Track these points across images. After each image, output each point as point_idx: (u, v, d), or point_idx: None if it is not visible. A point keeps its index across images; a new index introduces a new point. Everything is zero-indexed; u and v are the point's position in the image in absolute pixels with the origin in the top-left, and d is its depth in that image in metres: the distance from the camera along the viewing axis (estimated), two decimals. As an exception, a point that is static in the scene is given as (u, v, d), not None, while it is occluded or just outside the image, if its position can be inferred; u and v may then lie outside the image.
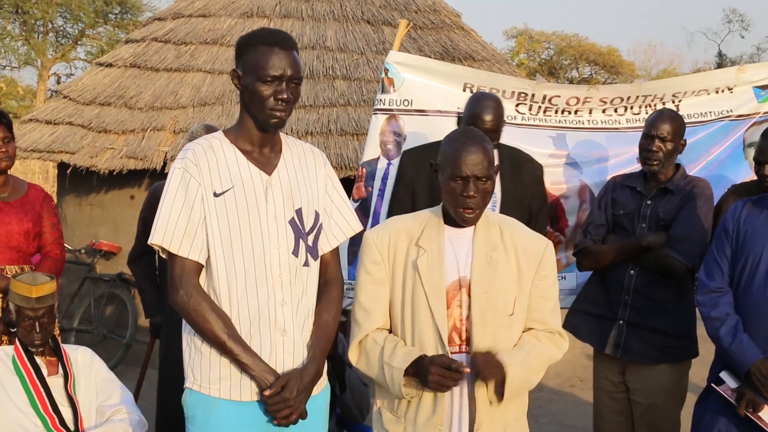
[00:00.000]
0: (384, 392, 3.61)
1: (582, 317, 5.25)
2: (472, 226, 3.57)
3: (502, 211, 5.01)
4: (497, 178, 4.99)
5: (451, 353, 3.45)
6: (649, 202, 5.05)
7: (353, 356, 3.61)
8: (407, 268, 3.53)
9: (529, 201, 5.16)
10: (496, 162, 4.98)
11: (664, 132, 4.96)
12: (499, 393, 3.45)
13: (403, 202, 5.15)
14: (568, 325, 5.31)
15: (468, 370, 3.37)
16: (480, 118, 4.95)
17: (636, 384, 5.09)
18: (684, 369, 5.10)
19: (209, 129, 5.51)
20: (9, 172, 5.66)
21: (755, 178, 4.98)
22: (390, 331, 3.61)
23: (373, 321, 3.57)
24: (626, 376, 5.13)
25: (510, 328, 3.52)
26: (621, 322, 5.04)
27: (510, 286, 3.53)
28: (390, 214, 4.14)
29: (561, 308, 5.04)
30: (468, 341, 3.49)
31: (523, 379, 3.47)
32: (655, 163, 4.99)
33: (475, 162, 3.41)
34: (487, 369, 3.39)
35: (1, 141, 5.52)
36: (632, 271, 5.01)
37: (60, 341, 4.94)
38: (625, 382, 5.15)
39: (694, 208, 4.90)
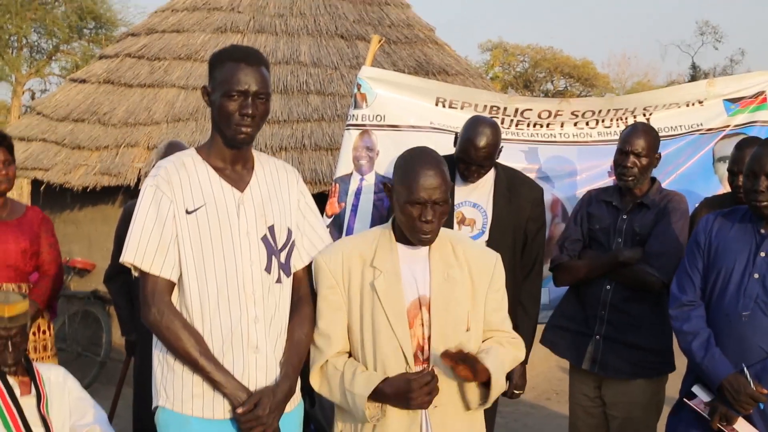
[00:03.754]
0: (346, 416, 3.58)
1: (559, 333, 5.25)
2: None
3: (491, 232, 5.01)
4: (490, 200, 5.01)
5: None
6: (624, 216, 5.05)
7: (315, 382, 3.57)
8: (364, 290, 3.50)
9: (525, 223, 5.09)
10: (491, 183, 5.01)
11: (638, 148, 4.95)
12: (484, 396, 3.47)
13: None
14: (545, 341, 5.33)
15: (432, 370, 3.36)
16: (473, 144, 4.87)
17: (612, 398, 5.09)
18: (661, 383, 5.11)
19: (173, 146, 5.51)
20: None
21: (724, 191, 5.01)
22: (350, 354, 3.59)
23: (333, 346, 3.54)
24: (603, 391, 5.13)
25: (468, 344, 3.50)
26: (597, 337, 5.04)
27: (466, 302, 3.54)
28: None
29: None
30: (429, 359, 3.48)
31: (498, 379, 3.45)
32: (630, 178, 4.99)
33: (432, 186, 3.39)
34: (472, 366, 3.37)
35: (2, 164, 5.52)
36: (608, 287, 5.01)
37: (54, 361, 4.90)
38: (601, 397, 5.15)
39: (669, 223, 4.90)
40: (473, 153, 4.86)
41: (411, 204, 3.41)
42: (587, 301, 5.11)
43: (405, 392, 3.32)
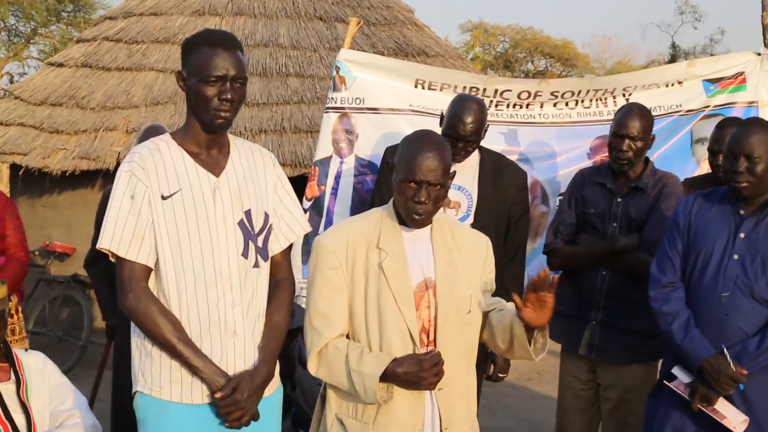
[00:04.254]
0: (345, 399, 3.54)
1: (554, 317, 5.22)
2: (428, 227, 3.57)
3: (476, 216, 4.99)
4: (475, 183, 5.00)
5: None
6: (619, 200, 5.01)
7: (312, 366, 3.52)
8: (369, 272, 3.49)
9: (509, 208, 5.07)
10: (476, 167, 5.00)
11: (634, 131, 4.90)
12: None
13: (384, 196, 5.10)
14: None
15: (439, 352, 3.39)
16: (461, 119, 4.85)
17: (608, 381, 5.08)
18: (655, 366, 5.09)
19: (153, 130, 5.46)
20: None
21: (701, 173, 5.01)
22: (348, 337, 3.57)
23: (334, 328, 3.49)
24: (597, 374, 5.12)
25: (469, 326, 3.55)
26: (594, 323, 5.03)
27: (467, 285, 3.55)
28: (373, 206, 4.12)
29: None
30: (435, 341, 3.49)
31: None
32: (625, 162, 4.95)
33: (429, 168, 3.39)
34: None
35: None
36: (604, 273, 4.99)
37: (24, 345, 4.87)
38: (595, 380, 5.14)
39: (664, 210, 4.88)
40: (461, 128, 4.84)
41: (406, 182, 3.42)
42: (583, 287, 5.09)
43: (416, 372, 3.33)
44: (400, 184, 3.44)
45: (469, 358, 3.59)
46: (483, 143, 5.14)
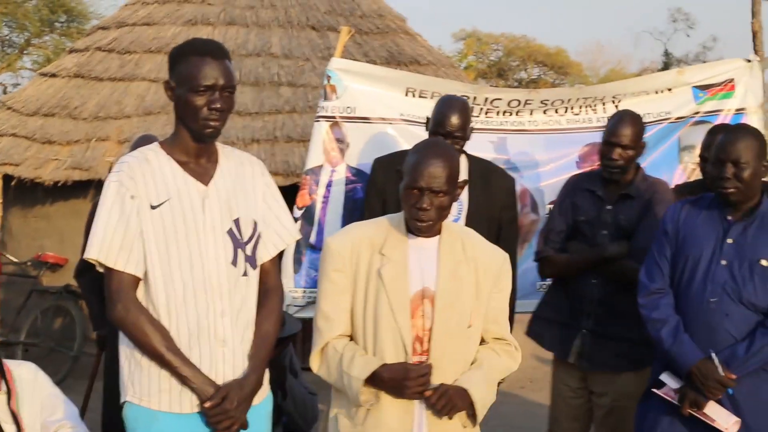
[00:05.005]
0: (342, 399, 3.60)
1: (545, 325, 5.22)
2: (437, 237, 3.57)
3: (467, 222, 4.98)
4: (465, 190, 5.00)
5: (414, 362, 3.46)
6: (609, 207, 5.01)
7: (315, 364, 3.60)
8: (370, 276, 3.51)
9: (499, 213, 5.10)
10: (465, 174, 5.01)
11: (625, 140, 4.89)
12: (471, 417, 3.50)
13: (374, 207, 5.09)
14: (532, 333, 5.30)
15: (430, 364, 3.41)
16: (446, 116, 4.89)
17: (600, 389, 5.08)
18: (647, 373, 5.09)
19: (145, 140, 5.46)
20: None
21: (688, 180, 5.02)
22: (351, 339, 3.60)
23: (334, 329, 3.55)
24: (589, 382, 5.12)
25: (468, 340, 3.55)
26: (584, 331, 5.03)
27: (470, 299, 3.54)
28: (361, 219, 4.14)
29: (519, 312, 5.07)
30: (429, 351, 3.49)
31: (486, 397, 3.50)
32: (616, 170, 4.94)
33: (432, 175, 3.39)
34: (452, 402, 3.40)
35: None
36: (594, 281, 4.99)
37: (3, 355, 4.86)
38: (586, 387, 5.14)
39: (655, 217, 4.86)
40: (447, 124, 4.87)
41: (409, 189, 3.43)
42: (573, 296, 5.09)
43: (401, 380, 3.37)
44: (405, 190, 3.47)
45: (464, 370, 3.56)
46: (472, 151, 5.16)
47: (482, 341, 3.66)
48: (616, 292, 4.94)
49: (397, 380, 3.38)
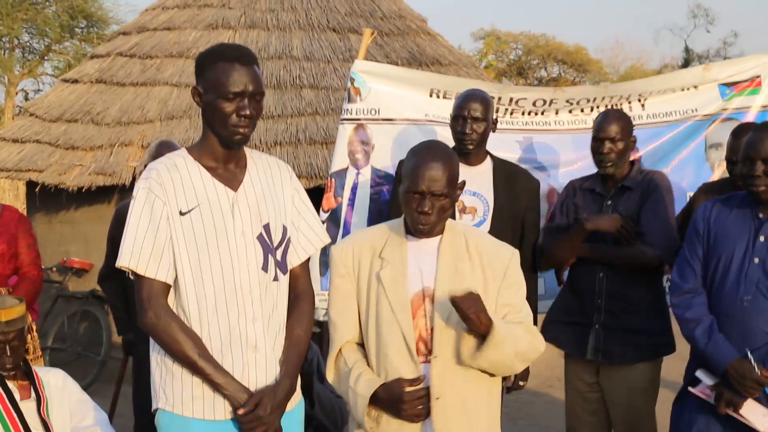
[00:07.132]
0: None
1: (560, 327, 5.23)
2: (438, 237, 3.56)
3: (493, 224, 5.00)
4: (490, 189, 5.00)
5: (420, 363, 3.46)
6: (609, 202, 5.07)
7: (330, 374, 3.62)
8: (371, 281, 3.53)
9: (523, 213, 5.11)
10: (489, 175, 5.00)
11: (612, 133, 4.99)
12: (480, 339, 3.38)
13: (400, 209, 5.10)
14: (548, 338, 5.28)
15: (423, 376, 3.42)
16: (468, 98, 4.99)
17: (610, 384, 5.09)
18: (659, 366, 5.12)
19: (164, 146, 5.46)
20: None
21: (715, 179, 4.99)
22: (362, 345, 3.61)
23: (342, 335, 3.58)
24: (600, 377, 5.13)
25: (473, 338, 3.47)
26: (597, 326, 5.03)
27: None
28: (389, 218, 4.15)
29: (542, 312, 5.06)
30: (433, 350, 3.47)
31: (504, 337, 3.35)
32: (608, 164, 5.03)
33: (432, 178, 3.39)
34: (477, 305, 3.29)
35: None
36: (602, 274, 5.01)
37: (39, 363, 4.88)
38: (598, 383, 5.15)
39: (657, 200, 4.93)
40: (468, 107, 4.94)
41: (410, 193, 3.44)
42: (583, 292, 5.11)
43: (397, 402, 3.39)
44: (405, 194, 3.48)
45: (473, 368, 3.50)
46: (497, 151, 5.15)
47: None
48: (625, 284, 4.98)
49: (394, 401, 3.40)
